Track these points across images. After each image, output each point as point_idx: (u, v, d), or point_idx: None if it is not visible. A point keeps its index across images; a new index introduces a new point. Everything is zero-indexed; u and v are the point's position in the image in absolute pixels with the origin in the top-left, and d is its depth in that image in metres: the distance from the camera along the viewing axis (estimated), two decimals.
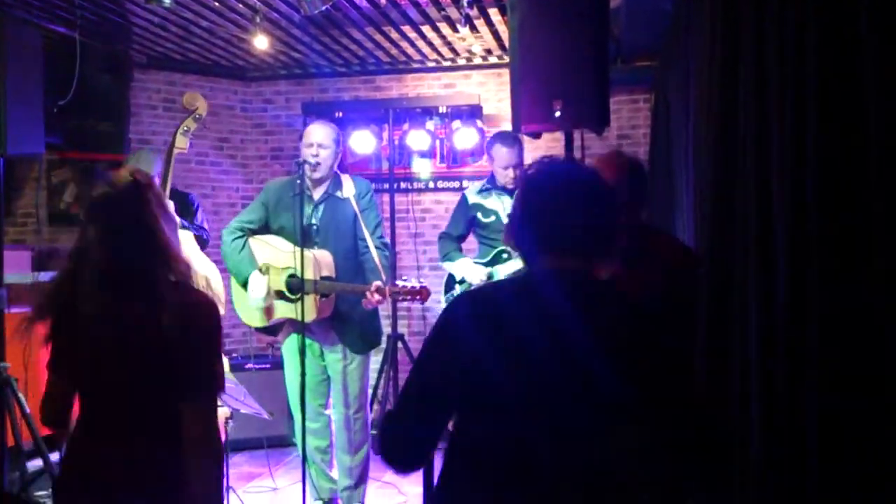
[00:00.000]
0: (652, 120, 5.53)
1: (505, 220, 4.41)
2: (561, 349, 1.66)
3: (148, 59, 5.98)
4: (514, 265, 4.38)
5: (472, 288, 2.05)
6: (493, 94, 6.17)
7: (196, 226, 4.53)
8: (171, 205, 4.31)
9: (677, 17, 3.76)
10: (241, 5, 4.72)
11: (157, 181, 4.66)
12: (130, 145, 5.79)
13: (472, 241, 4.86)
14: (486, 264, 4.53)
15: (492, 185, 4.60)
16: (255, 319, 4.00)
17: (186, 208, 4.56)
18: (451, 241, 4.73)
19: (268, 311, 3.95)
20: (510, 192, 4.45)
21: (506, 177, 4.50)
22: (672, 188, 4.21)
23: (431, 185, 6.32)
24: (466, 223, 4.69)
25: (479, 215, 4.60)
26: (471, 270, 4.51)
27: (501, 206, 4.53)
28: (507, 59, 4.28)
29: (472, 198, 4.66)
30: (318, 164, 3.92)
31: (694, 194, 2.86)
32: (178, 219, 4.33)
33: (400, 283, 3.82)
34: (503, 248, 4.46)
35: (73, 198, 5.73)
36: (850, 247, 1.45)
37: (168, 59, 6.05)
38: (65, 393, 2.11)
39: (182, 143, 4.34)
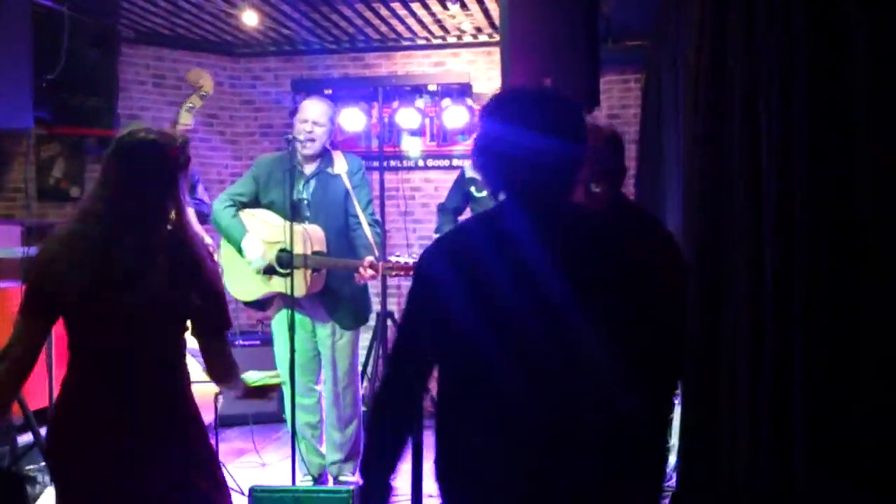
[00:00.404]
0: (643, 100, 5.53)
1: None
2: (529, 283, 1.64)
3: (136, 34, 5.94)
4: None
5: (443, 232, 2.09)
6: (483, 72, 6.16)
7: (196, 199, 4.54)
8: None
9: None
10: None
11: None
12: (119, 121, 5.75)
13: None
14: None
15: None
16: (245, 293, 4.01)
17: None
18: (447, 214, 4.80)
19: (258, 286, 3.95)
20: None
21: None
22: (661, 167, 4.23)
23: (421, 163, 6.33)
24: (461, 196, 4.76)
25: (473, 189, 4.65)
26: None
27: None
28: (497, 37, 4.28)
29: (469, 171, 4.71)
30: (311, 140, 3.93)
31: (683, 174, 2.88)
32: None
33: (393, 258, 3.84)
34: None
35: (61, 173, 5.71)
36: (837, 228, 1.47)
37: (156, 35, 6.01)
38: (40, 345, 2.15)
39: (186, 119, 4.36)
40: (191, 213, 3.81)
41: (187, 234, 2.19)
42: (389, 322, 5.83)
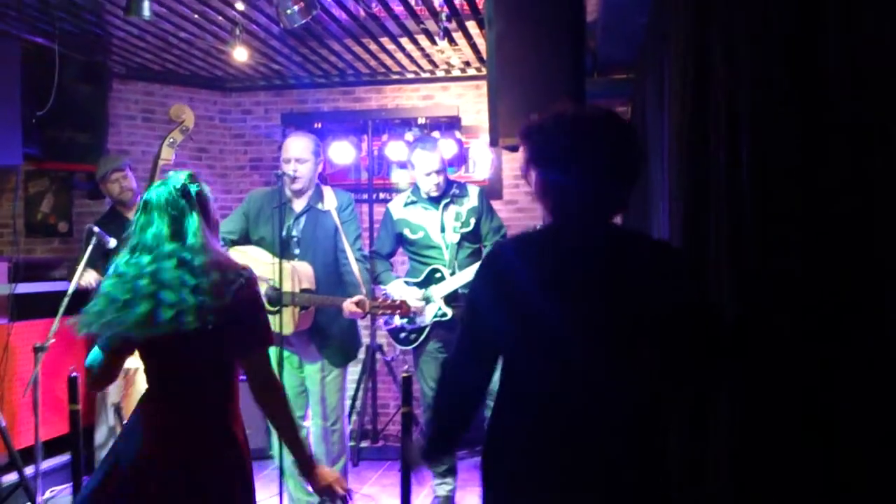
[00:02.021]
0: None
1: (436, 236, 4.23)
2: (583, 295, 1.76)
3: (127, 69, 5.97)
4: (449, 285, 4.20)
5: (494, 248, 2.18)
6: (472, 105, 6.21)
7: None
8: None
9: (652, 31, 3.82)
10: (220, 17, 4.73)
11: (134, 179, 4.68)
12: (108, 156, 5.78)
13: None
14: (420, 284, 4.26)
15: (417, 197, 4.31)
16: None
17: None
18: (383, 260, 4.41)
19: None
20: (436, 203, 4.26)
21: (428, 184, 4.23)
22: (647, 199, 4.25)
23: None
24: (393, 239, 4.38)
25: (407, 231, 4.30)
26: (406, 292, 4.19)
27: (429, 220, 4.25)
28: (485, 71, 4.31)
29: (398, 212, 4.35)
30: (296, 178, 3.93)
31: (669, 204, 2.90)
32: None
33: (380, 297, 3.83)
34: (435, 266, 4.24)
35: (49, 208, 5.70)
36: (813, 251, 1.49)
37: (147, 70, 6.04)
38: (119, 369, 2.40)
39: (168, 154, 4.36)
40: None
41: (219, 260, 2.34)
42: (378, 355, 5.83)
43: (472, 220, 4.32)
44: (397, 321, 4.27)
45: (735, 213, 1.89)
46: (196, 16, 4.71)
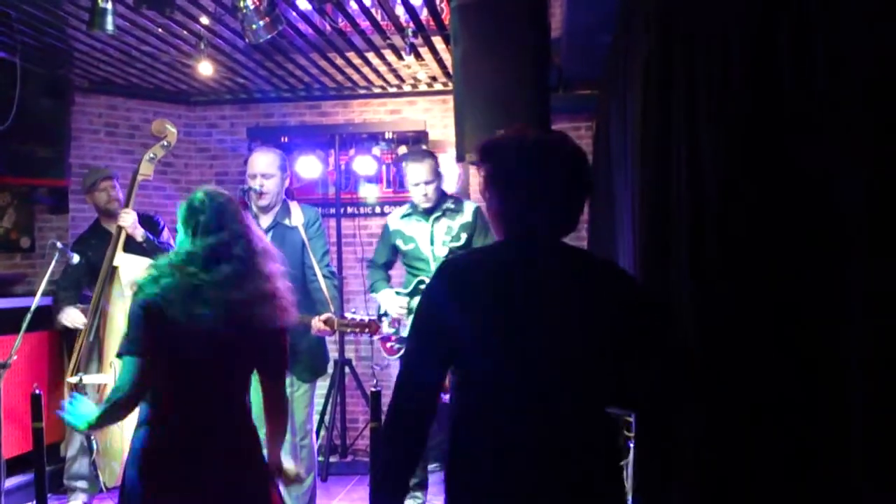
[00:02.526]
0: (594, 146, 5.65)
1: (425, 249, 4.32)
2: (534, 310, 1.78)
3: (89, 83, 5.91)
4: None
5: (451, 258, 2.21)
6: (439, 119, 6.24)
7: (163, 243, 4.52)
8: (140, 230, 4.27)
9: (615, 48, 3.88)
10: (184, 31, 4.71)
11: (120, 201, 4.65)
12: (71, 170, 5.71)
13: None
14: (409, 294, 4.35)
15: (413, 210, 4.40)
16: None
17: (153, 228, 4.57)
18: (377, 270, 4.51)
19: None
20: (428, 216, 4.34)
21: (418, 195, 4.30)
22: (613, 213, 4.30)
23: (378, 209, 6.35)
24: (389, 249, 4.48)
25: (400, 242, 4.40)
26: (391, 302, 4.32)
27: (420, 232, 4.34)
28: (451, 86, 4.34)
29: (394, 223, 4.46)
30: (263, 193, 3.92)
31: (632, 218, 2.95)
32: (152, 238, 4.30)
33: (349, 315, 3.83)
34: (422, 278, 4.31)
35: (11, 224, 5.61)
36: (775, 259, 1.53)
37: (110, 84, 5.98)
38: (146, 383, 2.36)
39: (147, 169, 4.35)
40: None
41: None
42: (347, 370, 5.81)
43: (464, 236, 4.33)
44: (385, 330, 4.35)
45: (698, 225, 1.93)
46: (159, 29, 4.68)
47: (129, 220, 4.31)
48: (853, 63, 1.16)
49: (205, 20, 4.54)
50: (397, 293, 4.40)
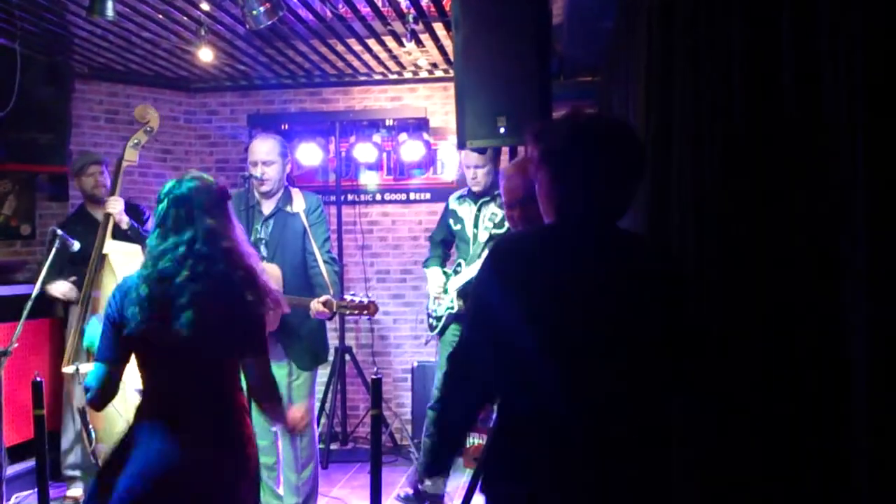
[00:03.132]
0: None
1: (469, 230, 4.50)
2: (585, 296, 1.74)
3: (90, 69, 5.89)
4: (461, 278, 4.43)
5: (499, 241, 2.21)
6: (440, 106, 6.22)
7: (149, 232, 4.51)
8: (125, 218, 4.24)
9: (617, 34, 3.86)
10: (184, 17, 4.69)
11: (106, 187, 4.64)
12: (72, 157, 5.70)
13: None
14: (452, 274, 4.56)
15: (468, 193, 4.57)
16: None
17: (138, 217, 4.56)
18: (435, 246, 4.76)
19: None
20: (476, 200, 4.49)
21: (469, 177, 4.49)
22: None
23: (378, 196, 6.34)
24: (445, 228, 4.69)
25: (452, 221, 4.61)
26: (433, 280, 4.59)
27: (469, 214, 4.53)
28: (452, 72, 4.33)
29: (452, 203, 4.66)
30: (265, 180, 3.92)
31: (634, 206, 2.94)
32: (136, 226, 4.28)
33: (348, 297, 3.83)
34: (461, 259, 4.52)
35: (11, 210, 5.61)
36: (776, 247, 1.52)
37: (110, 70, 5.97)
38: (118, 380, 2.39)
39: (132, 155, 4.32)
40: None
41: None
42: (348, 357, 5.82)
43: (506, 224, 4.39)
44: (431, 306, 4.62)
45: (698, 212, 1.93)
46: (160, 16, 4.66)
47: (117, 207, 4.29)
48: (857, 55, 1.15)
49: (205, 6, 4.52)
50: (444, 272, 4.61)
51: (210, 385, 2.39)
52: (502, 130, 3.14)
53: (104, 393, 2.37)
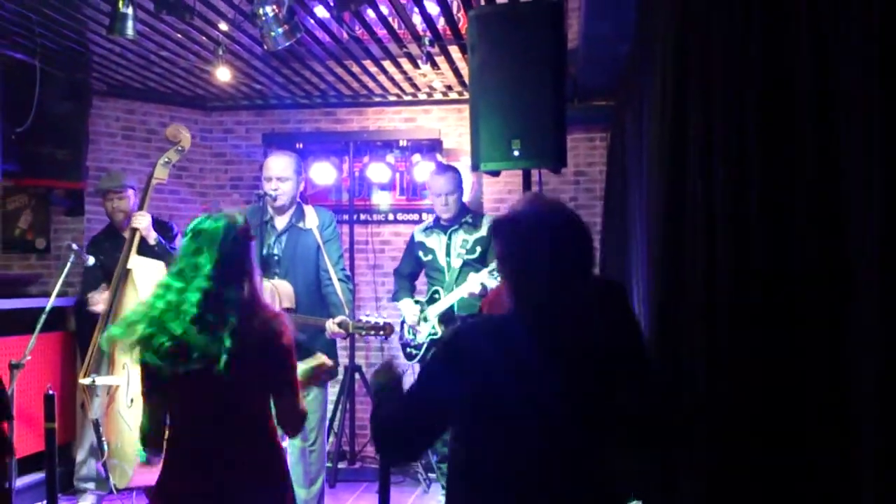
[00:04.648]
0: (608, 158, 5.65)
1: (441, 259, 4.64)
2: (529, 380, 1.85)
3: (107, 86, 5.96)
4: (442, 304, 4.55)
5: (473, 321, 2.35)
6: (454, 128, 6.25)
7: (177, 249, 4.56)
8: (153, 233, 4.27)
9: (632, 60, 3.89)
10: (203, 37, 4.75)
11: (134, 202, 4.68)
12: (88, 173, 5.75)
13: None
14: (427, 302, 4.67)
15: (435, 224, 4.74)
16: None
17: (167, 234, 4.61)
18: (402, 279, 4.88)
19: None
20: (445, 230, 4.66)
21: (439, 205, 4.65)
22: (626, 225, 4.31)
23: (391, 217, 6.37)
24: (413, 260, 4.84)
25: (421, 253, 4.73)
26: (408, 310, 4.69)
27: (439, 244, 4.67)
28: (467, 95, 4.37)
29: (418, 235, 4.82)
30: (278, 196, 3.95)
31: (647, 229, 2.95)
32: (164, 242, 4.31)
33: (363, 317, 3.85)
34: (437, 288, 4.63)
35: (27, 225, 5.67)
36: (788, 269, 1.53)
37: (128, 88, 6.03)
38: (162, 418, 2.40)
39: (162, 174, 4.38)
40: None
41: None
42: (357, 376, 5.82)
43: (479, 249, 4.62)
44: (407, 335, 4.73)
45: (711, 238, 1.94)
46: (178, 35, 4.72)
47: (143, 222, 4.34)
48: (867, 73, 1.17)
49: (223, 26, 4.58)
50: (416, 302, 4.71)
51: (243, 417, 2.41)
52: (516, 153, 3.16)
53: (152, 437, 2.41)
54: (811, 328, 1.42)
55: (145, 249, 4.35)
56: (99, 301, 4.52)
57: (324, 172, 6.02)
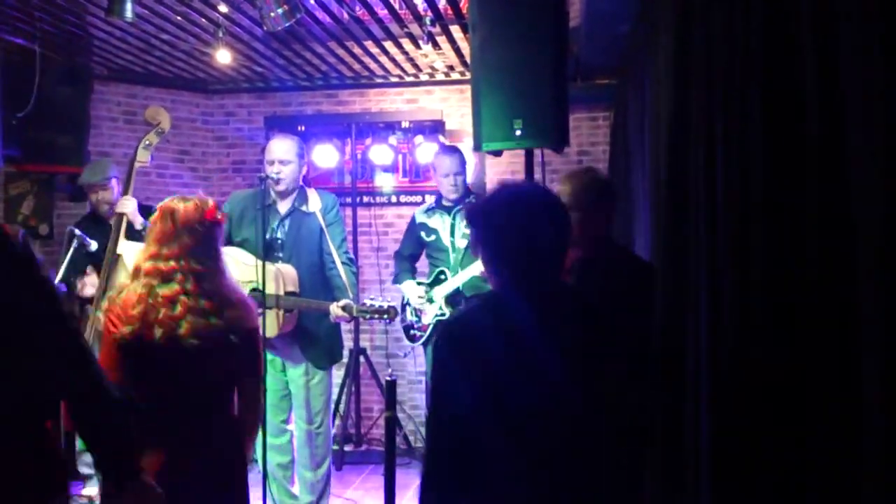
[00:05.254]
0: (611, 137, 5.62)
1: (446, 240, 4.62)
2: (529, 368, 1.83)
3: (108, 71, 5.94)
4: (449, 285, 4.52)
5: (447, 319, 2.33)
6: (456, 109, 6.22)
7: None
8: (139, 218, 4.23)
9: (634, 38, 3.86)
10: (202, 19, 4.72)
11: (118, 192, 4.66)
12: (90, 158, 5.74)
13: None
14: (430, 284, 4.63)
15: (437, 205, 4.73)
16: None
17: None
18: (403, 261, 4.84)
19: None
20: (449, 211, 4.63)
21: (447, 185, 4.62)
22: (630, 203, 4.29)
23: (394, 199, 6.36)
24: (414, 242, 4.79)
25: (423, 234, 4.69)
26: (412, 291, 4.64)
27: (442, 224, 4.65)
28: (469, 75, 4.34)
29: (419, 217, 4.77)
30: (280, 179, 3.93)
31: (649, 208, 2.93)
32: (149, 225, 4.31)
33: (367, 301, 3.84)
34: (442, 269, 4.60)
35: (30, 210, 5.66)
36: (788, 253, 1.52)
37: (129, 72, 6.01)
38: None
39: (143, 157, 4.32)
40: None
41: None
42: (362, 359, 5.83)
43: None
44: (410, 317, 4.68)
45: (715, 219, 1.92)
46: (178, 17, 4.69)
47: (130, 207, 4.28)
48: (876, 51, 1.15)
49: (223, 8, 4.55)
50: (419, 283, 4.65)
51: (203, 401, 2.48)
52: (518, 133, 3.14)
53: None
54: (815, 310, 1.40)
55: (133, 234, 4.31)
56: (87, 285, 4.51)
57: (326, 155, 6.00)
